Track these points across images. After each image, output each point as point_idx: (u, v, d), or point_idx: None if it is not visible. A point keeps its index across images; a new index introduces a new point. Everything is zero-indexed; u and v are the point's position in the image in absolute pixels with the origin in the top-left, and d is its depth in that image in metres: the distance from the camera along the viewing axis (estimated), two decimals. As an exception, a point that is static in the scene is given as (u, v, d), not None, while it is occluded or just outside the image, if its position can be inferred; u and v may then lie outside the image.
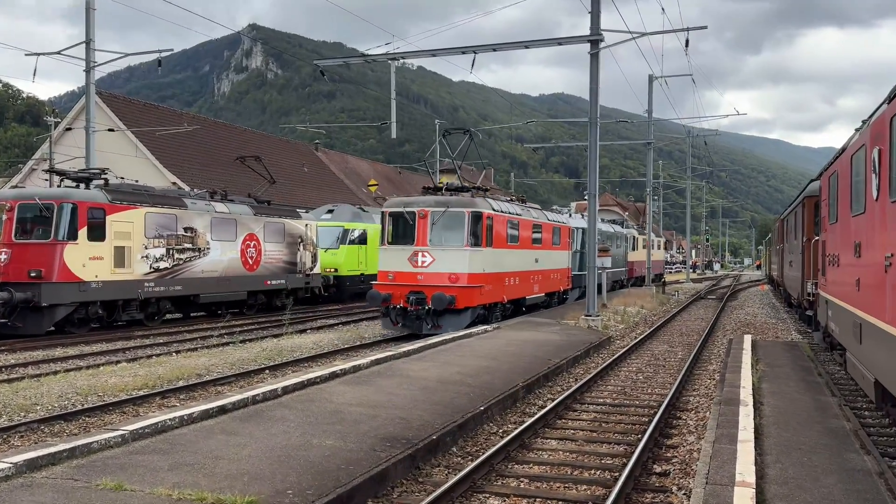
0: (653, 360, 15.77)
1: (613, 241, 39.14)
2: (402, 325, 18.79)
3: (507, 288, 21.28)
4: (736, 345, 15.76)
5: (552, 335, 17.64)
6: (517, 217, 22.11)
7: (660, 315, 27.40)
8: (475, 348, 14.81)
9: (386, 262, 19.14)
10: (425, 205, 19.20)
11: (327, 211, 31.44)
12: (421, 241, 18.87)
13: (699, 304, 33.40)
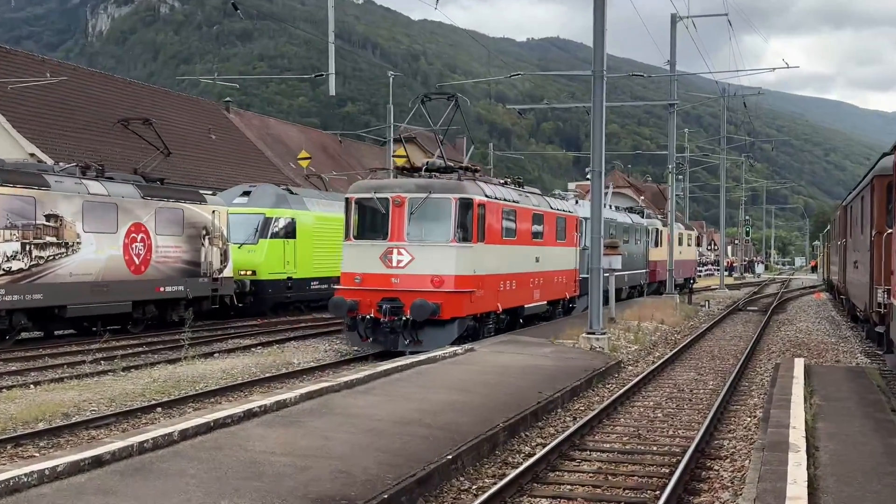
0: (675, 391, 15.94)
1: (630, 234, 39.61)
2: (372, 341, 19.48)
3: (501, 294, 21.85)
4: (784, 372, 15.99)
5: (543, 359, 17.75)
6: (514, 205, 22.70)
7: (685, 332, 27.71)
8: (441, 377, 14.83)
9: (352, 261, 19.85)
10: (402, 189, 19.81)
11: (242, 193, 31.26)
12: (396, 234, 19.59)
13: (736, 318, 33.88)
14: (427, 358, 16.72)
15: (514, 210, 22.69)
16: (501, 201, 21.80)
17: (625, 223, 38.69)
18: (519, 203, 23.19)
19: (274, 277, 30.20)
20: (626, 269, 37.78)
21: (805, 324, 30.35)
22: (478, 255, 20.27)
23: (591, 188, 21.16)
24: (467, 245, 19.78)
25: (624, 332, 24.23)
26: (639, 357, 20.92)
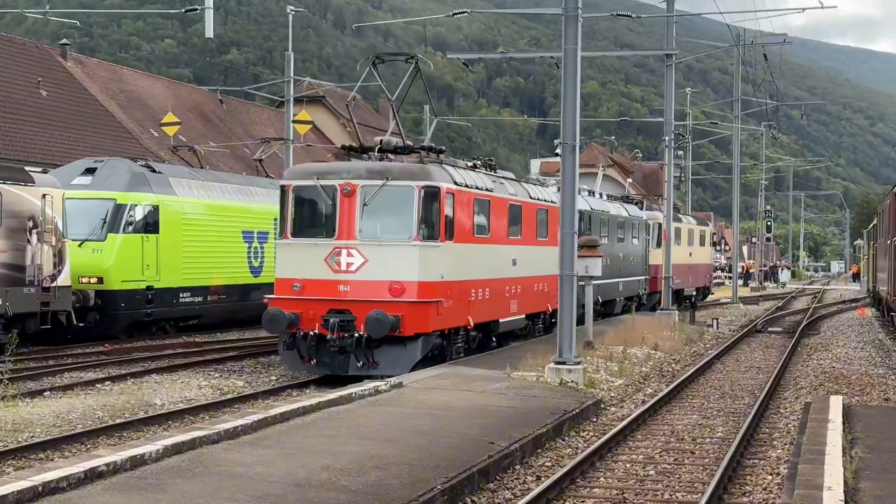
0: (673, 441, 16.10)
1: (626, 231, 40.84)
2: (316, 363, 20.73)
3: (472, 305, 23.10)
4: (816, 414, 16.22)
5: (496, 397, 17.77)
6: (488, 194, 24.01)
7: (685, 362, 27.99)
8: (358, 422, 14.77)
9: (288, 264, 21.19)
10: (352, 175, 20.92)
11: (85, 171, 30.81)
12: (345, 232, 20.70)
13: (753, 343, 34.36)
14: (339, 397, 16.66)
15: (487, 200, 23.83)
16: (473, 190, 22.89)
17: (619, 216, 39.79)
18: (493, 192, 24.27)
19: (128, 287, 29.81)
20: (620, 275, 39.14)
21: (844, 350, 30.89)
22: (445, 256, 21.27)
23: (562, 167, 21.24)
24: (433, 244, 20.79)
25: (605, 362, 24.37)
26: (625, 395, 21.05)
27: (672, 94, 41.84)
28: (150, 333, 31.23)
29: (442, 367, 21.60)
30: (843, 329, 39.85)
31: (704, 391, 22.00)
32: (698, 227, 56.45)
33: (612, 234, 38.36)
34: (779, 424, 17.65)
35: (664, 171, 44.02)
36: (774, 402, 20.39)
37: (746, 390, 22.12)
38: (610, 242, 37.98)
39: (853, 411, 17.11)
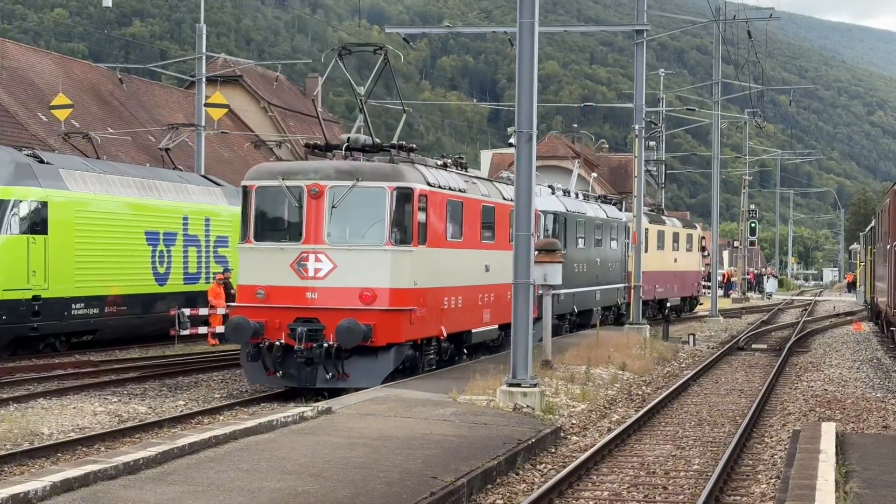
0: (643, 475, 16.16)
1: (605, 234, 42.08)
2: (282, 375, 22.32)
3: (445, 314, 24.64)
4: (806, 443, 16.33)
5: (441, 425, 17.76)
6: (461, 196, 25.63)
7: (657, 384, 28.10)
8: (281, 454, 14.71)
9: (252, 270, 22.74)
10: (320, 175, 22.37)
11: (-41, 160, 30.51)
12: (313, 236, 22.16)
13: (735, 362, 34.59)
14: (258, 425, 16.56)
15: (460, 202, 25.46)
16: (446, 191, 24.52)
17: (596, 219, 41.05)
18: (466, 193, 25.91)
19: (11, 297, 29.55)
20: (597, 283, 40.54)
21: (838, 370, 31.18)
22: (418, 261, 22.75)
23: (517, 160, 21.26)
24: (406, 249, 22.29)
25: (565, 384, 24.40)
26: (588, 422, 21.09)
27: (643, 76, 42.04)
28: (37, 351, 30.93)
29: (377, 391, 21.65)
30: (836, 346, 40.21)
31: (679, 418, 22.10)
32: (685, 230, 57.85)
33: (588, 238, 39.87)
34: (763, 455, 17.76)
35: (633, 165, 44.24)
36: (759, 429, 20.51)
37: (727, 416, 22.24)
38: (587, 247, 39.58)
39: (848, 440, 17.26)
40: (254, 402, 22.71)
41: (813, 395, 25.13)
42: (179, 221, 35.83)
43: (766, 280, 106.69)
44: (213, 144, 60.83)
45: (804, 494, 12.74)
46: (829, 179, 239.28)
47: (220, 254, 38.00)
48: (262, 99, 73.47)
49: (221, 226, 38.19)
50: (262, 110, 73.15)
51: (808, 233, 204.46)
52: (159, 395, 23.85)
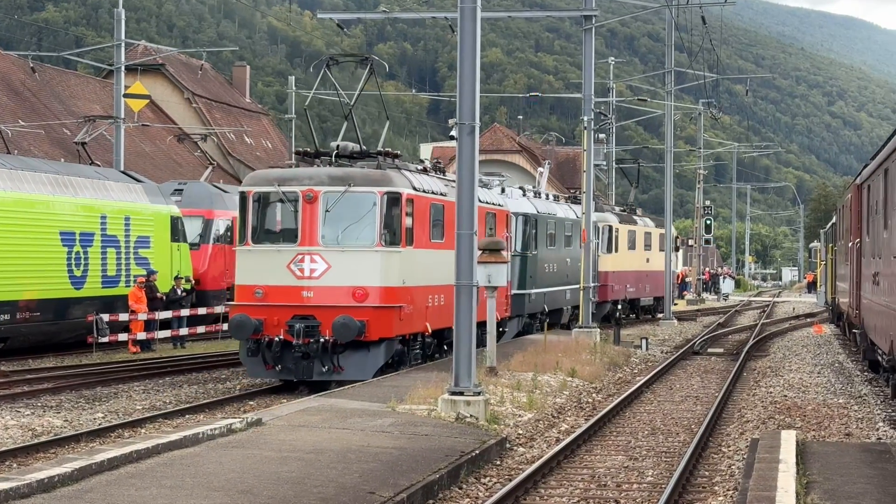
0: (594, 488, 16.20)
1: (574, 234, 43.96)
2: (280, 369, 25.31)
3: (430, 311, 27.76)
4: (765, 453, 16.42)
5: (379, 436, 17.75)
6: (442, 199, 28.62)
7: (609, 391, 28.18)
8: (208, 469, 14.64)
9: (249, 271, 25.69)
10: (314, 181, 25.27)
11: None
12: (308, 238, 25.09)
13: (690, 367, 34.77)
14: (183, 438, 16.46)
15: (442, 205, 28.46)
16: (429, 195, 27.64)
17: (567, 219, 44.52)
18: (447, 196, 28.59)
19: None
20: (567, 282, 43.88)
21: (798, 375, 31.38)
22: (407, 261, 25.69)
23: (459, 153, 21.25)
24: (395, 250, 25.31)
25: (511, 391, 24.42)
26: (535, 432, 21.12)
27: (591, 64, 42.06)
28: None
29: (311, 401, 21.69)
30: (796, 350, 40.51)
31: (631, 427, 22.17)
32: (657, 229, 59.78)
33: (559, 239, 43.34)
34: (720, 466, 17.86)
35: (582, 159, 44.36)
36: (715, 438, 20.62)
37: (682, 425, 22.35)
38: (557, 247, 43.05)
39: (809, 449, 17.38)
40: (178, 414, 22.60)
41: (772, 402, 25.28)
42: (97, 221, 35.55)
43: (723, 280, 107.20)
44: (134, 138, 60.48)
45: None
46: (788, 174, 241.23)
47: (142, 255, 37.74)
48: (185, 89, 73.12)
49: (142, 225, 37.93)
50: (186, 101, 72.82)
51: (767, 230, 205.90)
52: (76, 407, 23.66)
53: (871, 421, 22.17)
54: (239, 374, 30.57)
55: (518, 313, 38.19)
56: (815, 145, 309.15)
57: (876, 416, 22.81)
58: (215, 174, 59.80)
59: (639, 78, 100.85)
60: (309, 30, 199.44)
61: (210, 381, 29.03)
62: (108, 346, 35.18)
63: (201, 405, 23.75)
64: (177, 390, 26.92)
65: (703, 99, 79.11)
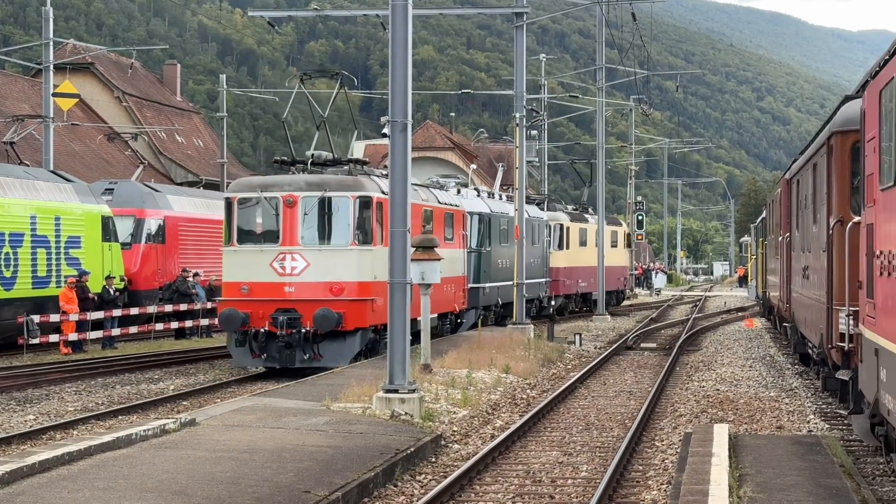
0: (529, 483, 16.24)
1: (526, 231, 45.95)
2: (266, 357, 28.28)
3: None
4: (698, 447, 16.52)
5: (314, 435, 17.74)
6: None
7: (543, 387, 28.26)
8: (141, 470, 14.56)
9: (235, 269, 28.72)
10: (293, 188, 28.48)
11: None
12: (289, 238, 28.20)
13: (623, 362, 34.93)
14: (116, 440, 16.35)
15: None
16: None
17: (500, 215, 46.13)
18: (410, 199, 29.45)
19: None
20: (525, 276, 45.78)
21: (730, 369, 31.57)
22: (378, 259, 27.63)
23: (391, 151, 21.25)
24: (367, 248, 28.15)
25: (446, 388, 24.43)
26: (470, 428, 21.13)
27: (523, 61, 42.17)
28: None
29: (245, 400, 21.67)
30: (728, 344, 40.77)
31: (566, 422, 22.24)
32: (609, 227, 62.61)
33: (511, 237, 44.50)
34: (654, 460, 17.94)
35: (514, 155, 44.47)
36: (649, 433, 20.72)
37: (616, 420, 22.44)
38: (510, 244, 44.49)
39: (741, 442, 17.51)
40: (111, 415, 22.43)
41: (705, 396, 25.43)
42: (27, 221, 35.19)
43: (655, 275, 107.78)
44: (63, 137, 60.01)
45: (696, 500, 12.88)
46: (719, 169, 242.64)
47: (73, 255, 37.40)
48: (115, 88, 72.59)
49: (73, 225, 37.59)
50: (117, 100, 72.29)
51: (698, 225, 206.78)
52: (6, 410, 23.47)
53: (802, 414, 22.35)
54: (172, 373, 30.45)
55: (473, 305, 40.83)
56: (744, 140, 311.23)
57: (807, 408, 22.99)
58: (146, 173, 59.46)
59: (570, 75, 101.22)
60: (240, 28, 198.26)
61: (143, 381, 28.85)
62: (39, 348, 34.86)
63: (134, 406, 23.62)
64: (109, 391, 26.74)
65: (633, 95, 79.50)
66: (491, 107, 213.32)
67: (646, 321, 54.45)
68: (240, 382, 28.11)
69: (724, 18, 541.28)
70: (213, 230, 46.29)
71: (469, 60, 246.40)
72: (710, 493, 13.15)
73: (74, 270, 36.43)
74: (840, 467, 15.53)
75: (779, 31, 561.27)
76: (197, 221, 45.61)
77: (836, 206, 19.45)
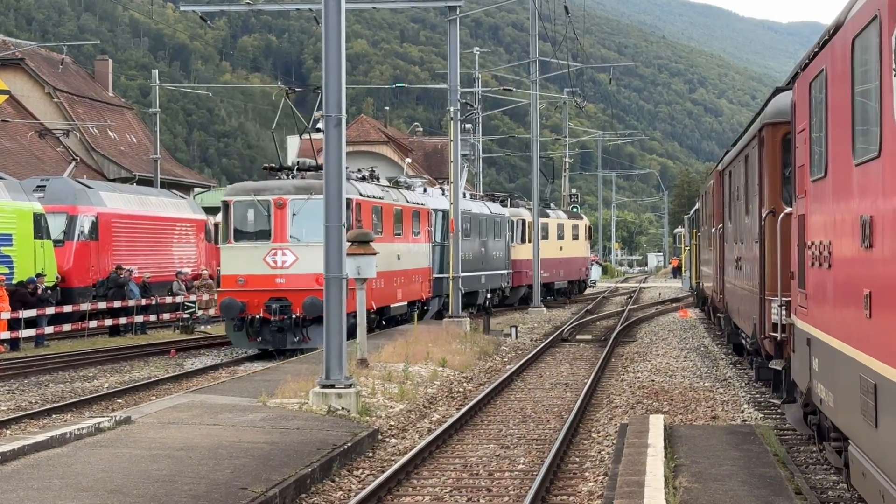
0: (467, 476, 16.28)
1: (488, 227, 52.75)
2: (260, 340, 32.37)
3: (374, 293, 34.43)
4: (634, 437, 16.61)
5: (250, 431, 17.73)
6: (380, 202, 36.99)
7: (479, 380, 28.31)
8: (76, 469, 14.48)
9: (233, 263, 32.82)
10: (282, 191, 32.37)
11: None
12: (280, 236, 32.11)
13: (559, 354, 35.07)
14: (50, 439, 16.23)
15: (380, 207, 36.75)
16: (372, 199, 35.80)
17: (481, 214, 52.19)
18: (384, 199, 37.29)
19: None
20: (482, 269, 51.64)
21: (665, 359, 31.76)
22: None
23: (325, 146, 21.22)
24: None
25: (382, 383, 24.45)
26: (407, 422, 21.15)
27: (457, 54, 42.20)
28: None
29: (180, 397, 21.66)
30: (662, 335, 41.00)
31: (502, 415, 22.29)
32: (570, 220, 68.77)
33: (473, 231, 50.30)
34: (591, 452, 18.02)
35: (449, 149, 44.54)
36: (585, 424, 20.82)
37: (552, 412, 22.52)
38: (472, 238, 49.73)
39: (676, 433, 17.65)
40: (44, 414, 22.26)
41: (640, 387, 25.57)
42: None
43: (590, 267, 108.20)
44: (-7, 134, 59.33)
45: (633, 491, 12.95)
46: (652, 160, 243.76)
47: (4, 253, 36.99)
48: (46, 84, 71.87)
49: (3, 222, 37.17)
50: (48, 96, 71.55)
51: (632, 217, 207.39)
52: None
53: (736, 403, 22.52)
54: (106, 371, 30.30)
55: (438, 294, 45.04)
56: (677, 132, 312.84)
57: (741, 398, 23.17)
58: (79, 169, 59.05)
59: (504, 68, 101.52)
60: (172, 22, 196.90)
61: (77, 379, 28.67)
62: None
63: (68, 404, 23.44)
64: (42, 390, 26.54)
65: (567, 88, 79.82)
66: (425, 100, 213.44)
67: (581, 313, 54.67)
68: (175, 379, 27.99)
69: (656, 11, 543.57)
70: (148, 227, 46.05)
71: (403, 54, 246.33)
72: (646, 484, 13.23)
73: (6, 269, 36.07)
74: (774, 456, 15.69)
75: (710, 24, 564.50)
76: (131, 218, 45.29)
77: (768, 198, 19.61)
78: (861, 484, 11.21)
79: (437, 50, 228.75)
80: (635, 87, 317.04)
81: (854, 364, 10.73)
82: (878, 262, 9.66)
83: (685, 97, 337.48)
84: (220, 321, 41.72)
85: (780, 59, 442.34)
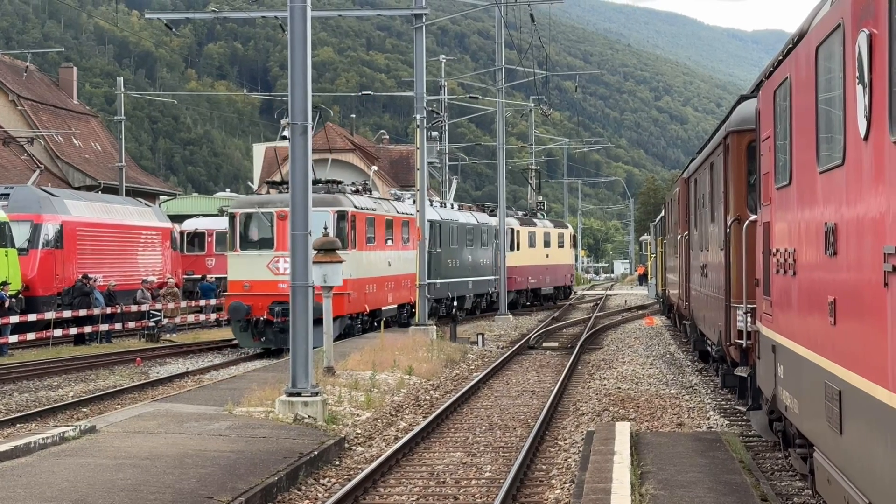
0: (433, 485, 16.27)
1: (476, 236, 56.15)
2: (264, 340, 35.42)
3: (367, 296, 38.97)
4: (601, 445, 16.64)
5: (216, 440, 17.67)
6: (373, 213, 40.09)
7: (446, 387, 28.32)
8: (41, 479, 14.40)
9: (239, 270, 35.97)
10: (284, 204, 32.90)
11: None
12: (282, 245, 34.33)
13: (525, 362, 35.09)
14: (13, 448, 16.13)
15: (373, 218, 39.95)
16: (365, 211, 38.88)
17: (468, 224, 55.75)
18: (375, 211, 40.49)
19: None
20: (469, 275, 55.17)
21: (631, 367, 31.85)
22: (351, 261, 34.20)
23: (292, 153, 21.19)
24: (344, 252, 30.13)
25: (349, 391, 24.41)
26: (374, 431, 21.14)
27: (423, 62, 42.22)
28: None
29: (146, 406, 21.61)
30: (628, 342, 41.14)
31: (469, 423, 22.30)
32: (556, 229, 73.17)
33: (460, 240, 54.20)
34: (557, 459, 18.04)
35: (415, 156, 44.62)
36: (552, 432, 20.84)
37: (519, 420, 22.54)
38: (459, 246, 53.57)
39: (643, 440, 17.69)
40: (8, 424, 22.16)
41: (606, 394, 25.63)
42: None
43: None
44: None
45: (599, 499, 12.98)
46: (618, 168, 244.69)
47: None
48: (10, 91, 71.47)
49: (-33, 230, 37.03)
50: (11, 104, 71.15)
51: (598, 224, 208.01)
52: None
53: (702, 410, 22.60)
54: (71, 380, 30.15)
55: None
56: (643, 140, 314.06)
57: (707, 405, 23.26)
58: (43, 177, 58.69)
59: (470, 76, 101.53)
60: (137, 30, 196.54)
61: (41, 388, 28.55)
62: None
63: (32, 413, 23.36)
64: (6, 399, 26.41)
65: (533, 96, 79.98)
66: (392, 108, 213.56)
67: (548, 320, 54.78)
68: (141, 388, 27.90)
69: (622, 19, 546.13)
70: (113, 235, 45.85)
71: (369, 62, 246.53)
72: (612, 492, 13.26)
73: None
74: (739, 463, 15.75)
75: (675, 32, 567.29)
76: (96, 226, 45.14)
77: (733, 205, 19.69)
78: (826, 490, 11.25)
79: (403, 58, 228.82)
80: (601, 94, 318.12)
81: (819, 371, 10.78)
82: (843, 270, 9.71)
83: (651, 105, 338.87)
84: (184, 329, 44.27)
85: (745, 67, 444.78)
